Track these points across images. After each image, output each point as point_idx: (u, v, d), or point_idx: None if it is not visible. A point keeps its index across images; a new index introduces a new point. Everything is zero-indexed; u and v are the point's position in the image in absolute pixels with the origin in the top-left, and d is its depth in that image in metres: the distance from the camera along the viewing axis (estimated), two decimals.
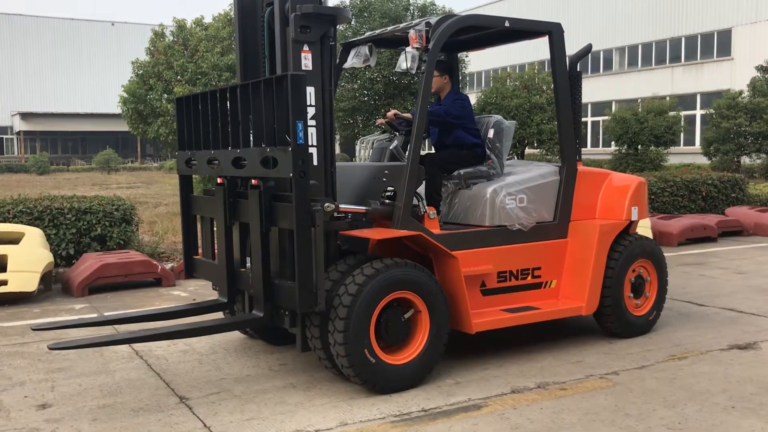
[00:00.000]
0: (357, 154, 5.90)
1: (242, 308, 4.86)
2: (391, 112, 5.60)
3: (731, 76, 29.32)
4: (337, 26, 4.67)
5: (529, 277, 5.23)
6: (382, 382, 4.29)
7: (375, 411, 4.05)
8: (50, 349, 4.13)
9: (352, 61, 5.29)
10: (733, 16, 29.79)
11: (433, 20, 4.85)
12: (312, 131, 4.39)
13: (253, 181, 4.40)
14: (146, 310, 5.37)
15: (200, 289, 7.49)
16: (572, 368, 4.81)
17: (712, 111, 21.79)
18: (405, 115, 5.54)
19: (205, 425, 3.87)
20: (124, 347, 5.39)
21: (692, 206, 12.34)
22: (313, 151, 4.39)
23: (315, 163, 4.41)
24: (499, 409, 4.07)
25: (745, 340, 5.42)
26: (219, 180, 4.67)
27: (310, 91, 4.38)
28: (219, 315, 5.18)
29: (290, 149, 3.98)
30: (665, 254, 5.97)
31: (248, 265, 4.64)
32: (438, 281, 4.56)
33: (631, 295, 5.56)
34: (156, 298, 7.21)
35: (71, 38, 54.54)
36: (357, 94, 16.75)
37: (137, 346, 5.42)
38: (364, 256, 4.49)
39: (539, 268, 5.27)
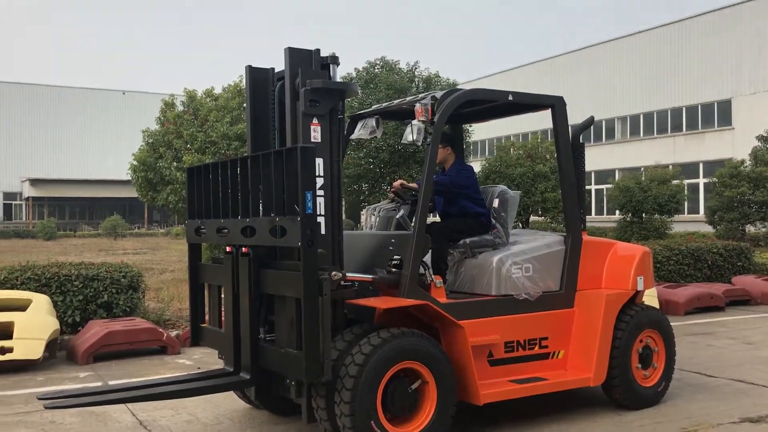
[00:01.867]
0: (364, 221, 5.97)
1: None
2: (398, 182, 5.69)
3: (733, 145, 29.66)
4: (346, 99, 4.81)
5: (537, 348, 5.21)
6: None
7: None
8: (46, 407, 4.28)
9: (359, 132, 5.41)
10: (732, 87, 30.35)
11: (438, 94, 4.99)
12: (320, 201, 4.49)
13: (243, 249, 4.52)
14: (150, 380, 5.34)
15: (205, 357, 7.45)
16: None
17: (714, 179, 21.94)
18: (411, 185, 5.63)
19: None
20: (129, 418, 5.34)
21: (698, 275, 12.31)
22: (321, 220, 4.47)
23: (323, 231, 4.48)
24: None
25: (756, 413, 5.34)
26: (228, 248, 4.73)
27: (319, 162, 4.49)
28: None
29: (299, 218, 4.05)
30: (672, 323, 5.95)
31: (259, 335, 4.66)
32: (445, 351, 4.55)
33: (639, 365, 5.51)
34: (161, 366, 7.17)
35: (83, 106, 55.73)
36: (362, 162, 16.98)
37: (141, 416, 5.37)
38: (370, 325, 4.49)
39: (546, 338, 5.26)
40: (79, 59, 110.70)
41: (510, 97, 5.30)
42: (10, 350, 6.79)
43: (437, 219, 5.89)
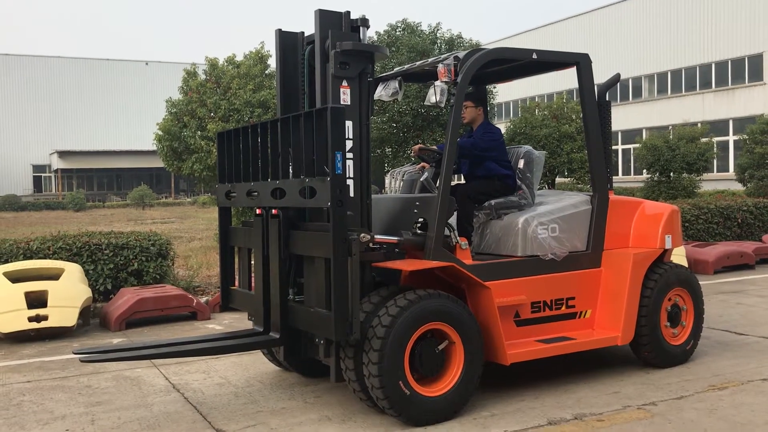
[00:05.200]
0: (387, 185, 5.97)
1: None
2: (416, 147, 5.69)
3: (764, 100, 29.00)
4: (375, 63, 4.80)
5: (564, 307, 5.21)
6: (417, 415, 4.29)
7: None
8: (81, 360, 4.46)
9: (380, 93, 5.37)
10: (763, 41, 29.56)
11: (461, 54, 4.92)
12: (349, 163, 4.52)
13: (273, 211, 4.59)
14: (181, 338, 5.47)
15: (235, 322, 7.56)
16: (609, 399, 4.75)
17: (745, 136, 21.49)
18: (430, 148, 5.61)
19: None
20: (162, 381, 5.46)
21: (728, 233, 12.16)
22: (350, 182, 4.50)
23: (351, 194, 4.51)
24: None
25: None
26: (258, 211, 4.79)
27: (349, 124, 4.51)
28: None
29: (329, 179, 4.07)
30: (701, 282, 5.90)
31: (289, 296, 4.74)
32: (471, 312, 4.57)
33: (668, 324, 5.49)
34: (191, 331, 7.29)
35: (106, 78, 56.04)
36: (385, 126, 16.89)
37: (174, 380, 5.49)
38: (397, 287, 4.52)
39: (573, 298, 5.25)
40: (101, 31, 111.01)
41: (534, 56, 5.22)
42: (45, 318, 6.95)
43: (462, 181, 5.87)
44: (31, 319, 6.91)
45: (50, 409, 4.85)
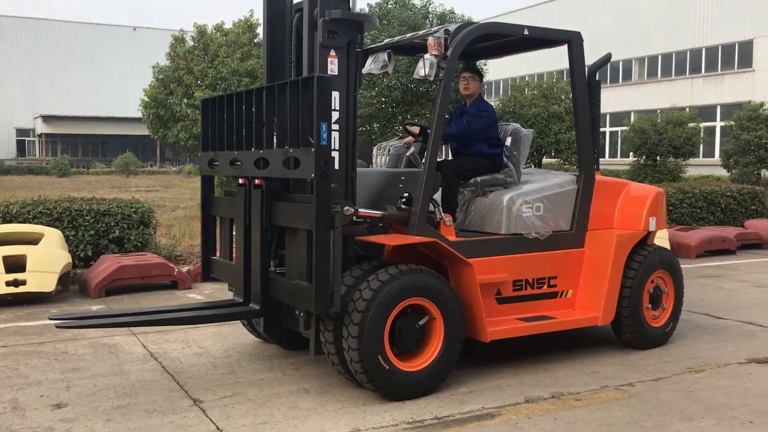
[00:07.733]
0: (374, 160, 5.92)
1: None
2: (406, 124, 5.65)
3: (752, 87, 29.07)
4: (364, 33, 4.71)
5: (545, 286, 5.20)
6: (396, 389, 4.28)
7: (388, 418, 4.04)
8: (57, 326, 4.37)
9: (370, 66, 5.29)
10: (754, 28, 29.55)
11: (452, 28, 4.85)
12: (335, 135, 4.44)
13: (256, 181, 4.53)
14: (160, 306, 5.43)
15: (216, 293, 7.52)
16: (587, 379, 4.77)
17: (732, 123, 21.58)
18: (412, 129, 5.52)
19: (218, 428, 3.88)
20: (139, 350, 5.42)
21: (711, 218, 12.23)
22: (335, 155, 4.43)
23: (336, 167, 4.45)
24: (512, 418, 4.05)
25: (764, 354, 5.35)
26: (241, 181, 4.72)
27: (335, 95, 4.42)
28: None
29: (313, 150, 4.01)
30: (683, 266, 5.92)
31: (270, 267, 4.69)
32: (453, 288, 4.55)
33: (649, 306, 5.51)
34: (172, 300, 7.24)
35: (94, 42, 55.23)
36: (374, 102, 16.78)
37: (152, 348, 5.45)
38: (379, 261, 4.49)
39: (555, 278, 5.24)
40: None
41: (526, 32, 5.15)
42: (24, 283, 6.87)
43: (449, 157, 5.82)
44: (8, 284, 6.82)
45: (25, 375, 4.80)
